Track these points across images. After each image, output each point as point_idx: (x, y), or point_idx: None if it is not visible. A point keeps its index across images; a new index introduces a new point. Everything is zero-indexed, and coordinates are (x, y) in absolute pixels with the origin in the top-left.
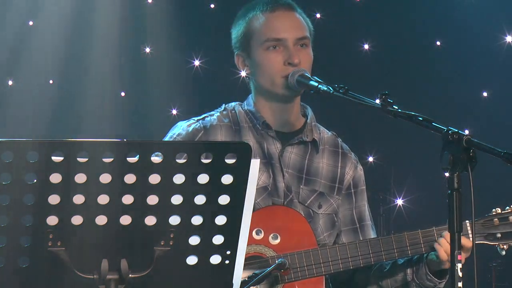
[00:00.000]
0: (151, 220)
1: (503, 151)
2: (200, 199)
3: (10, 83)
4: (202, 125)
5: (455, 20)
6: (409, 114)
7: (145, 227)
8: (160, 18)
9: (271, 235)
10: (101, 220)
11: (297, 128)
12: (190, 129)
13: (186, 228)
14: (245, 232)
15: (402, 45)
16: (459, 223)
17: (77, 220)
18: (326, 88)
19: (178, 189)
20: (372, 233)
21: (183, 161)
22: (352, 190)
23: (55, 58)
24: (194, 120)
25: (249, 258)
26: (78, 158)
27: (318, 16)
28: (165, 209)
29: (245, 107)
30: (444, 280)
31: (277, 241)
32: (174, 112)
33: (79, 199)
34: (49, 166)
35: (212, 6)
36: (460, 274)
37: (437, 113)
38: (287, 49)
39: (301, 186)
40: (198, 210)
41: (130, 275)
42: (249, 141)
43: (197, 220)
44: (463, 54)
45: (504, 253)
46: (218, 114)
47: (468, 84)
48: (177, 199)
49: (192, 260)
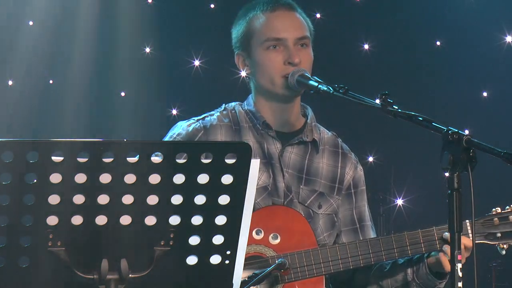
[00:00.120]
0: (151, 220)
1: (503, 151)
2: (200, 199)
3: (10, 83)
4: (202, 125)
5: (455, 20)
6: (409, 114)
7: (145, 227)
8: (160, 18)
9: (271, 235)
10: (101, 220)
11: (297, 128)
12: (190, 129)
13: (186, 228)
14: (245, 232)
15: (402, 45)
16: (459, 223)
17: (77, 220)
18: (326, 88)
19: (178, 189)
20: (372, 234)
21: (183, 161)
22: (352, 191)
23: (55, 58)
24: (194, 120)
25: (249, 258)
26: (78, 158)
27: (318, 16)
28: (165, 209)
29: (245, 107)
30: (444, 281)
31: (277, 241)
32: (174, 112)
33: (79, 199)
34: (49, 166)
35: (212, 6)
36: (460, 274)
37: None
38: (287, 49)
39: (301, 186)
40: (198, 210)
41: (130, 275)
42: (249, 141)
43: (197, 220)
44: (463, 54)
45: (504, 253)
46: (218, 114)
47: (468, 84)
48: (177, 199)
49: (192, 260)
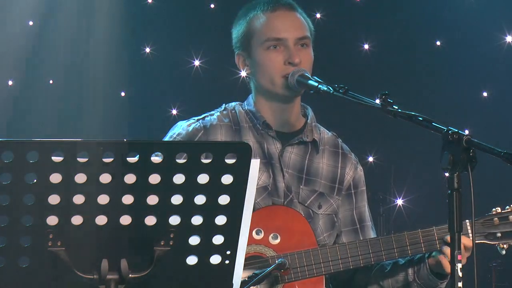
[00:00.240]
0: (151, 220)
1: (503, 151)
2: (200, 199)
3: (10, 83)
4: (202, 125)
5: (455, 20)
6: (409, 114)
7: (145, 227)
8: (160, 18)
9: (271, 235)
10: (101, 220)
11: (297, 128)
12: (190, 129)
13: (186, 228)
14: (245, 232)
15: (402, 45)
16: (459, 223)
17: (77, 220)
18: (326, 88)
19: (178, 189)
20: (372, 234)
21: (183, 161)
22: (352, 191)
23: (55, 58)
24: (194, 120)
25: (249, 258)
26: (78, 158)
27: (318, 16)
28: (165, 209)
29: (245, 107)
30: (446, 281)
31: (277, 241)
32: (174, 112)
33: (79, 199)
34: (49, 166)
35: (212, 6)
36: (460, 274)
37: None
38: (288, 49)
39: (301, 186)
40: (198, 210)
41: (130, 275)
42: (249, 141)
43: (197, 220)
44: (463, 54)
45: (504, 253)
46: (218, 114)
47: (468, 84)
48: (177, 199)
49: (192, 260)
